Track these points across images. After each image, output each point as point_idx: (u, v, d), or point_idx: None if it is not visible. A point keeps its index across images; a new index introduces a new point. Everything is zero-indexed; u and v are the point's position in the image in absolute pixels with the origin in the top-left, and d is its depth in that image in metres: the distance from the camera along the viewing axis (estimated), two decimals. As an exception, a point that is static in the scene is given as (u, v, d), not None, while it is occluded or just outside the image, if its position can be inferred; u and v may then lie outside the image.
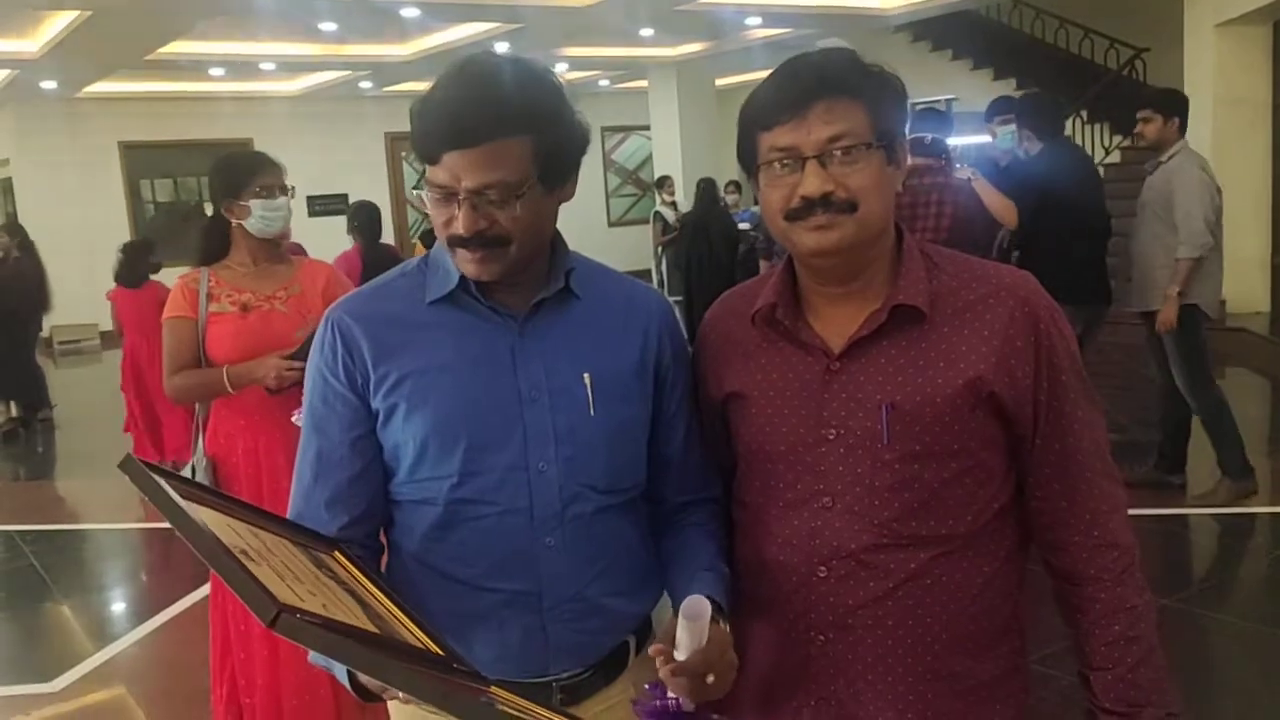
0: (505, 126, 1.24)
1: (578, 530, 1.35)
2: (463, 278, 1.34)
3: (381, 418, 1.35)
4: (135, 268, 6.84)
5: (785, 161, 1.26)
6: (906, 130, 1.33)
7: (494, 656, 1.33)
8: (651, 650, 1.22)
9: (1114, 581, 1.33)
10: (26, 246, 8.81)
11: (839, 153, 1.24)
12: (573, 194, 1.36)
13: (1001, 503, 1.34)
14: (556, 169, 1.30)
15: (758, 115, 1.29)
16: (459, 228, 1.27)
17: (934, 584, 1.30)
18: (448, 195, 1.27)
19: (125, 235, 13.44)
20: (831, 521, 1.30)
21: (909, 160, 1.37)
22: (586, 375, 1.36)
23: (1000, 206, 4.50)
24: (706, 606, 1.21)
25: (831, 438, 1.30)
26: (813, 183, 1.24)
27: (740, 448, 1.40)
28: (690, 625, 1.20)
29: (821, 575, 1.30)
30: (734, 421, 1.40)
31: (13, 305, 8.40)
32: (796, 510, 1.33)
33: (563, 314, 1.38)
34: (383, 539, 1.45)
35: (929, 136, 4.19)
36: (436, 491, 1.34)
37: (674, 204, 10.56)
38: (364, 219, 6.02)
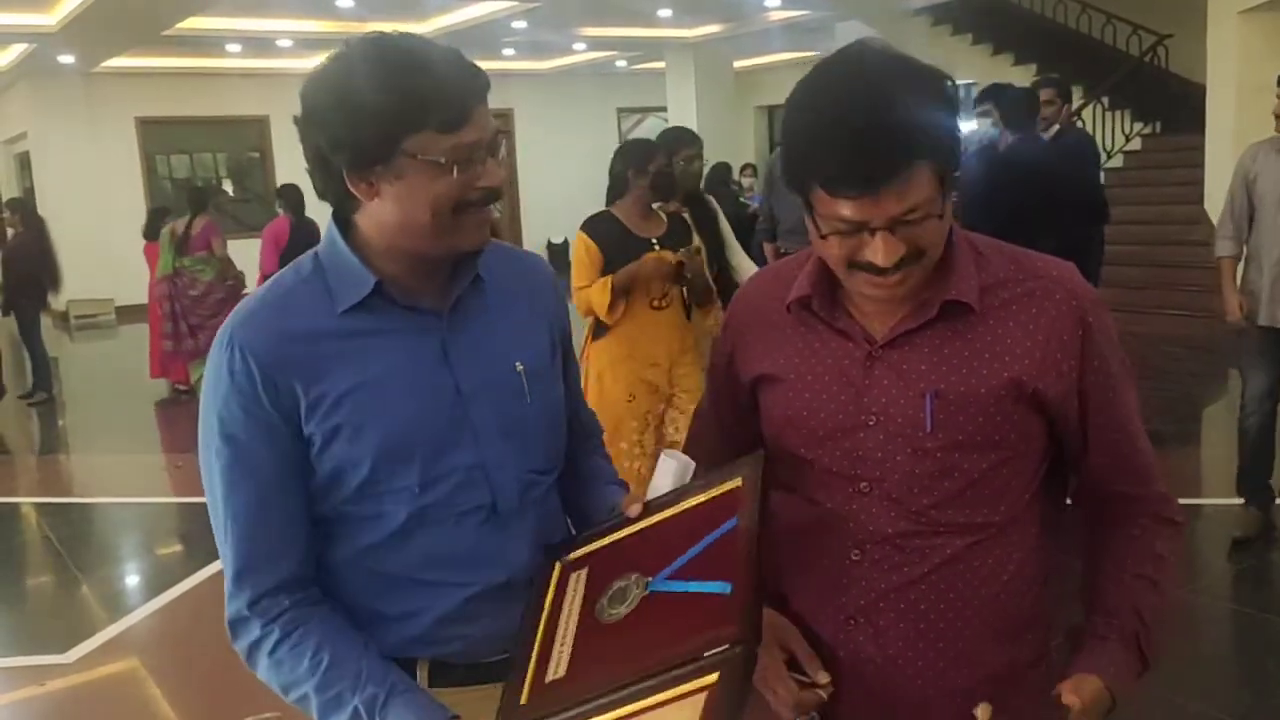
0: None
1: (534, 513, 1.38)
2: (379, 282, 1.27)
3: (319, 442, 1.26)
4: (157, 226, 8.73)
5: (848, 232, 1.20)
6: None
7: (463, 647, 1.34)
8: (631, 508, 1.33)
9: (1149, 533, 1.36)
10: (31, 223, 8.59)
11: (911, 218, 1.18)
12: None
13: (1032, 492, 1.34)
14: None
15: (816, 172, 1.19)
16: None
17: (966, 569, 1.30)
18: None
19: (141, 211, 13.49)
20: (868, 506, 1.30)
21: None
22: (519, 364, 1.35)
23: None
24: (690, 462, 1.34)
25: (871, 424, 1.30)
26: (884, 255, 1.19)
27: (772, 429, 1.39)
28: (677, 467, 1.34)
29: (855, 559, 1.31)
30: (765, 403, 1.39)
31: (14, 282, 8.29)
32: (830, 494, 1.33)
33: (478, 303, 1.35)
34: None
35: None
36: (394, 504, 1.29)
37: (689, 186, 10.52)
38: (291, 198, 7.78)
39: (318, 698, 1.24)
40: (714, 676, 1.12)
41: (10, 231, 8.68)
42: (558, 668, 1.24)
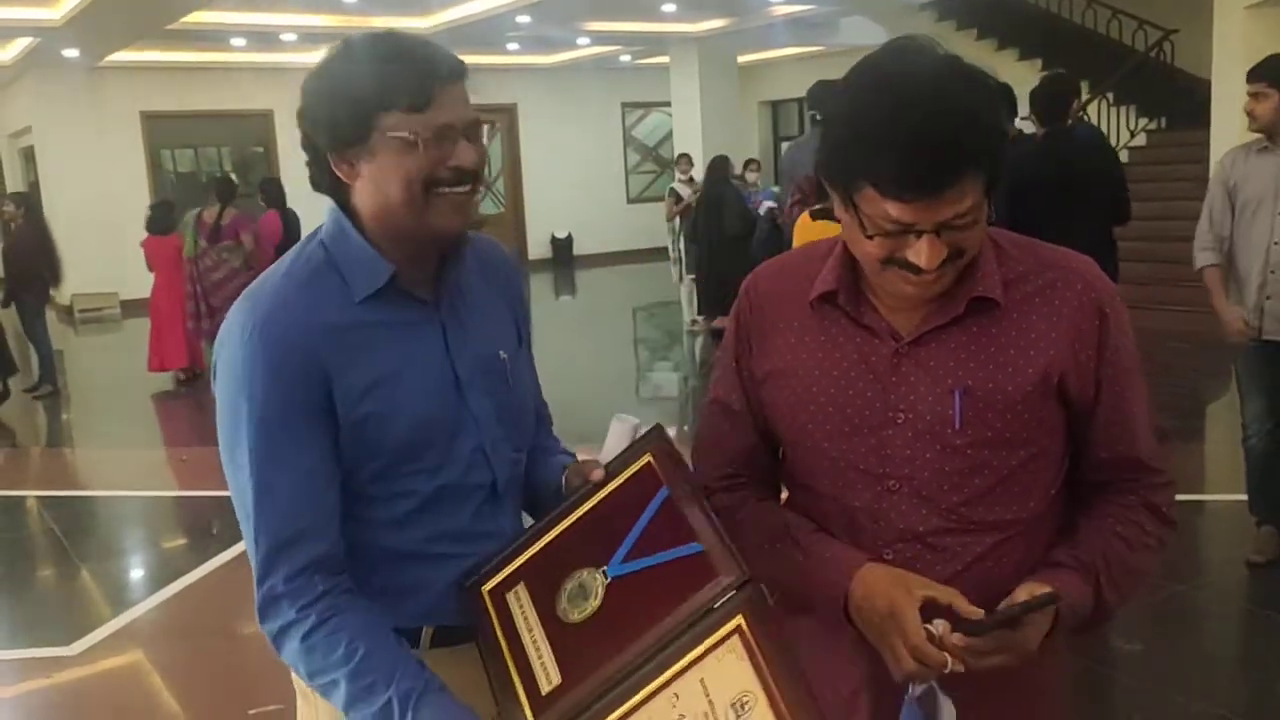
0: None
1: (516, 487, 1.48)
2: (394, 272, 1.33)
3: (347, 429, 1.30)
4: (162, 220, 8.82)
5: (894, 232, 1.19)
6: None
7: (461, 614, 1.39)
8: (592, 474, 1.38)
9: (1139, 508, 1.33)
10: (32, 217, 8.60)
11: (958, 223, 1.18)
12: None
13: (1056, 487, 1.34)
14: None
15: (869, 172, 1.16)
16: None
17: (995, 565, 1.30)
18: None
19: (146, 205, 13.52)
20: (898, 504, 1.30)
21: None
22: (502, 353, 1.43)
23: None
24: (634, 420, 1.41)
25: (900, 421, 1.29)
26: (929, 259, 1.18)
27: (794, 424, 1.36)
28: (627, 429, 1.39)
29: (888, 558, 1.30)
30: (780, 398, 1.37)
31: (15, 275, 8.31)
32: (858, 493, 1.32)
33: (462, 290, 1.41)
34: None
35: None
36: (411, 486, 1.35)
37: (691, 179, 10.49)
38: (272, 192, 8.52)
39: (349, 685, 1.26)
40: (738, 619, 1.12)
41: (13, 226, 8.68)
42: (549, 678, 1.24)
